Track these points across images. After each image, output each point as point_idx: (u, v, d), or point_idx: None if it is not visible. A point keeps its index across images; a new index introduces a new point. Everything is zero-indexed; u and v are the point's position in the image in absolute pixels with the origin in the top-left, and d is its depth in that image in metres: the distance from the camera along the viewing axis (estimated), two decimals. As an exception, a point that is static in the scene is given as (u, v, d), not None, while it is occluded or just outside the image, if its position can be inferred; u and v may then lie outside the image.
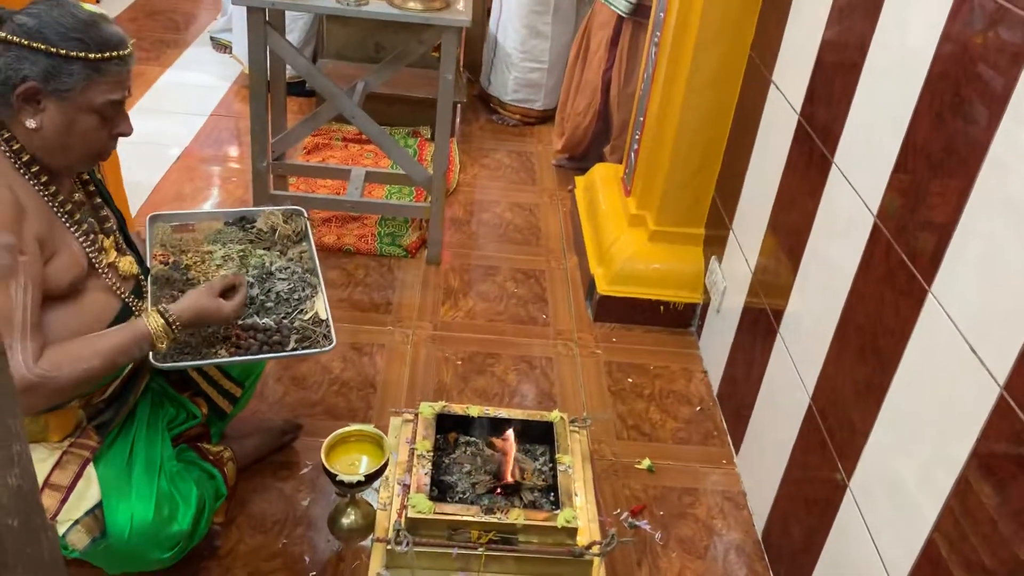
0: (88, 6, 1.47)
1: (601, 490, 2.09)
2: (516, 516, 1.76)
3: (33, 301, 1.35)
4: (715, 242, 2.59)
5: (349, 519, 1.91)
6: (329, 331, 1.73)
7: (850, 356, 1.65)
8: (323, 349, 1.71)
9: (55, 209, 1.48)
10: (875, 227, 1.59)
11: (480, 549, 1.75)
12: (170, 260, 1.82)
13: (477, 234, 3.12)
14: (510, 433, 1.90)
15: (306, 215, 2.01)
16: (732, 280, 2.41)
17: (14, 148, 1.42)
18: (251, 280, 1.80)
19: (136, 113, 3.60)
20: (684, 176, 2.60)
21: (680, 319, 2.71)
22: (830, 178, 1.81)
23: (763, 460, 2.07)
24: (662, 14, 2.57)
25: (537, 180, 3.57)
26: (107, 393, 1.62)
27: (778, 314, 2.04)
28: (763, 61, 2.28)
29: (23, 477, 0.64)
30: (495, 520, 1.75)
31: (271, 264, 1.85)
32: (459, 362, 2.47)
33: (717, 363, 2.47)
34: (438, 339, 2.55)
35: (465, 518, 1.76)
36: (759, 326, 2.17)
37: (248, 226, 1.96)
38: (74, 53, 1.37)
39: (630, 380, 2.48)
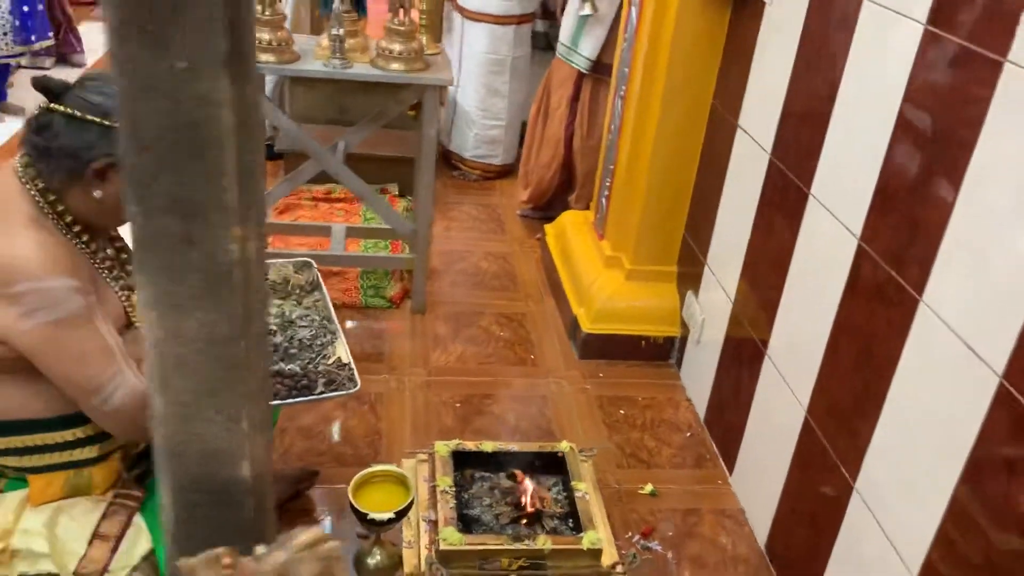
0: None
1: (610, 515, 2.18)
2: (543, 542, 1.84)
3: (113, 331, 1.41)
4: (689, 278, 2.75)
5: (375, 559, 1.95)
6: (353, 374, 1.80)
7: (845, 367, 1.81)
8: (349, 391, 1.78)
9: (96, 266, 1.53)
10: (859, 249, 1.76)
11: (512, 575, 1.82)
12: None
13: (456, 283, 3.22)
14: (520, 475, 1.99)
15: (315, 266, 2.08)
16: (710, 311, 2.57)
17: (58, 210, 1.47)
18: (274, 328, 1.86)
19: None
20: (656, 218, 2.76)
21: (660, 352, 2.84)
22: (808, 208, 1.99)
23: (760, 476, 2.20)
24: (626, 69, 2.76)
25: (505, 230, 3.71)
26: (141, 445, 1.65)
27: (763, 338, 2.20)
28: (727, 109, 2.47)
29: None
30: (524, 547, 1.83)
31: (291, 312, 1.91)
32: (457, 404, 2.55)
33: (701, 391, 2.61)
34: (433, 384, 2.62)
35: (495, 547, 1.83)
36: (744, 351, 2.32)
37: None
38: None
39: (622, 412, 2.59)
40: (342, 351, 1.85)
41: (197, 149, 0.48)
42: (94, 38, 5.29)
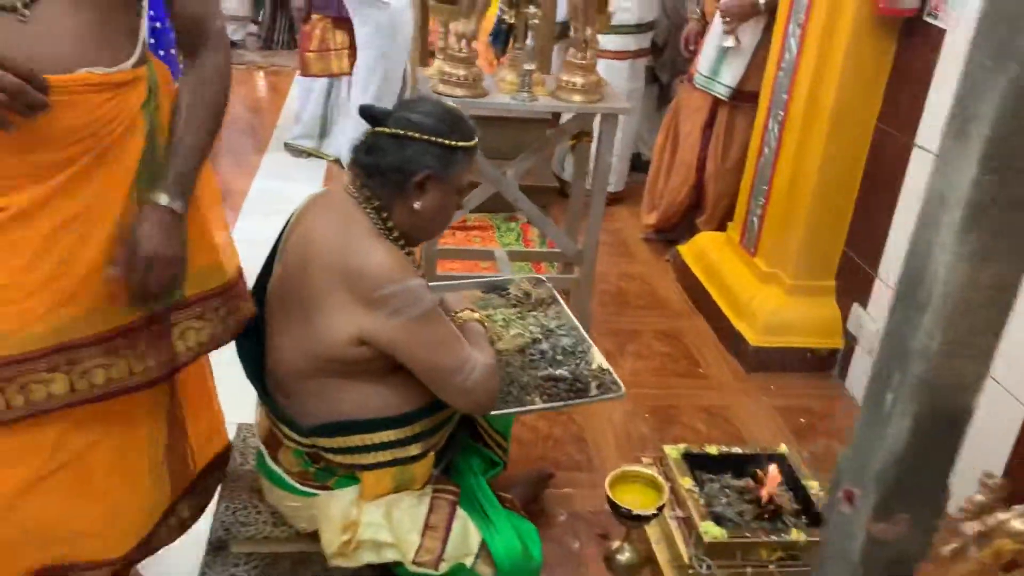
0: (450, 102, 1.70)
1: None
2: (797, 535, 1.94)
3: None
4: (852, 290, 2.88)
5: (626, 556, 2.06)
6: (615, 379, 1.93)
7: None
8: (619, 394, 1.90)
9: None
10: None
11: (771, 567, 1.93)
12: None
13: (604, 302, 3.36)
14: (772, 468, 2.10)
15: (547, 282, 2.22)
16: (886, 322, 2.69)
17: (388, 226, 1.61)
18: (539, 336, 1.99)
19: (245, 217, 3.78)
20: (817, 235, 2.90)
21: (822, 364, 2.96)
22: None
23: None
24: (784, 95, 2.92)
25: (632, 252, 3.85)
26: (442, 443, 1.77)
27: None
28: (899, 129, 2.62)
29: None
30: (782, 540, 1.93)
31: (550, 323, 2.04)
32: (646, 415, 2.67)
33: (877, 398, 2.72)
34: (617, 396, 2.75)
35: (754, 540, 1.94)
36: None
37: (503, 293, 2.16)
38: (459, 143, 1.59)
39: (803, 421, 2.71)
40: (600, 358, 1.98)
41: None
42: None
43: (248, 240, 1.81)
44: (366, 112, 1.65)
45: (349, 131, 4.15)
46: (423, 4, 3.84)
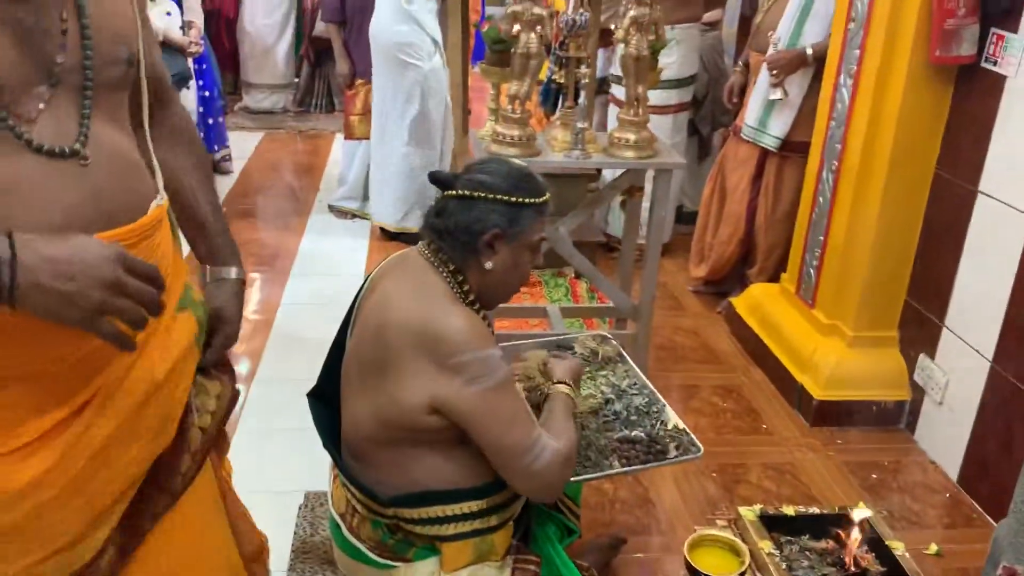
0: (517, 161, 1.70)
1: None
2: (888, 598, 1.86)
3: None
4: (917, 341, 2.81)
5: (707, 623, 1.98)
6: (692, 438, 1.88)
7: None
8: (697, 455, 1.85)
9: None
10: None
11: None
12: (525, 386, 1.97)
13: (659, 357, 3.31)
14: (854, 529, 2.02)
15: (611, 339, 2.19)
16: (956, 372, 2.62)
17: (464, 289, 1.60)
18: (612, 396, 1.95)
19: (295, 279, 3.81)
20: (878, 285, 2.85)
21: (890, 417, 2.88)
22: (1099, 264, 2.06)
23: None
24: (838, 146, 2.90)
25: (683, 305, 3.81)
26: (518, 512, 1.73)
27: (1042, 393, 2.24)
28: (960, 176, 2.58)
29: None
30: (872, 603, 1.85)
31: (621, 382, 2.01)
32: (713, 474, 2.60)
33: (951, 452, 2.63)
34: (681, 455, 2.68)
35: (845, 604, 1.86)
36: (1015, 407, 2.35)
37: (570, 351, 2.13)
38: (527, 200, 1.58)
39: (874, 476, 2.62)
40: (675, 417, 1.93)
41: None
42: (240, 146, 5.61)
43: (297, 303, 1.80)
44: (435, 177, 1.65)
45: (388, 193, 4.19)
46: (464, 67, 3.91)
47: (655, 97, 3.96)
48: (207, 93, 4.58)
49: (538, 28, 2.54)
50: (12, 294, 0.90)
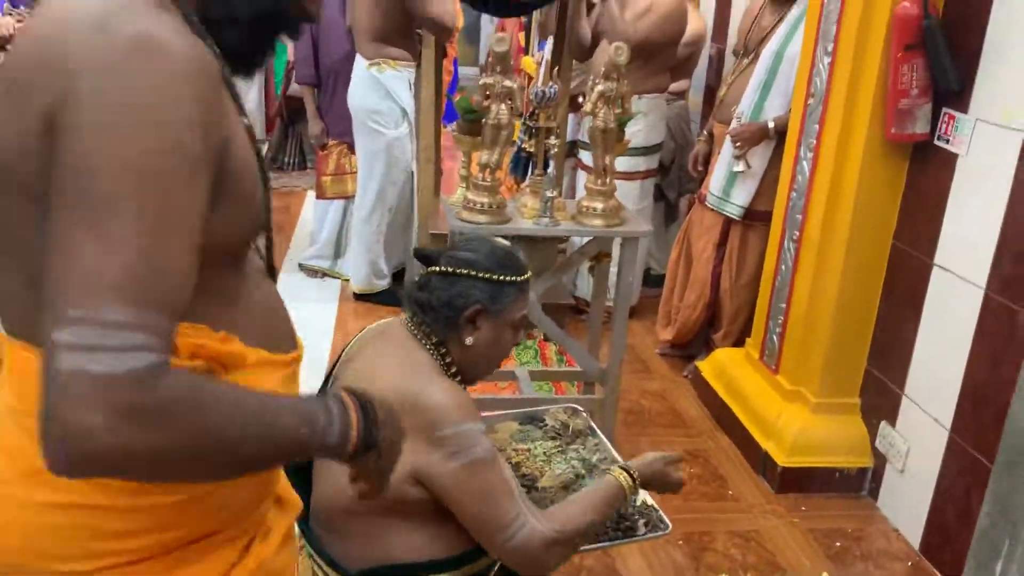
0: (501, 240, 1.73)
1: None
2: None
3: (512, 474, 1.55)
4: (877, 408, 2.87)
5: None
6: (661, 515, 1.89)
7: None
8: (665, 532, 1.87)
9: None
10: None
11: None
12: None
13: (626, 421, 3.33)
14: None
15: (582, 411, 2.20)
16: (917, 440, 2.67)
17: (447, 361, 1.62)
18: (582, 472, 1.96)
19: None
20: (839, 352, 2.91)
21: (852, 484, 2.92)
22: (1049, 338, 2.14)
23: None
24: (799, 216, 2.99)
25: (650, 368, 3.85)
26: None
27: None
28: (917, 248, 2.67)
29: None
30: None
31: (591, 456, 2.02)
32: (680, 543, 2.60)
33: (913, 520, 2.67)
34: (648, 522, 2.68)
35: None
36: (974, 476, 2.40)
37: (541, 424, 2.14)
38: (508, 278, 1.61)
39: (838, 544, 2.65)
40: (644, 493, 1.94)
41: None
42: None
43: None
44: (419, 254, 1.69)
45: (357, 254, 4.23)
46: (436, 129, 3.97)
47: (623, 164, 4.05)
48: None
49: (508, 101, 2.61)
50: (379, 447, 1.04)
